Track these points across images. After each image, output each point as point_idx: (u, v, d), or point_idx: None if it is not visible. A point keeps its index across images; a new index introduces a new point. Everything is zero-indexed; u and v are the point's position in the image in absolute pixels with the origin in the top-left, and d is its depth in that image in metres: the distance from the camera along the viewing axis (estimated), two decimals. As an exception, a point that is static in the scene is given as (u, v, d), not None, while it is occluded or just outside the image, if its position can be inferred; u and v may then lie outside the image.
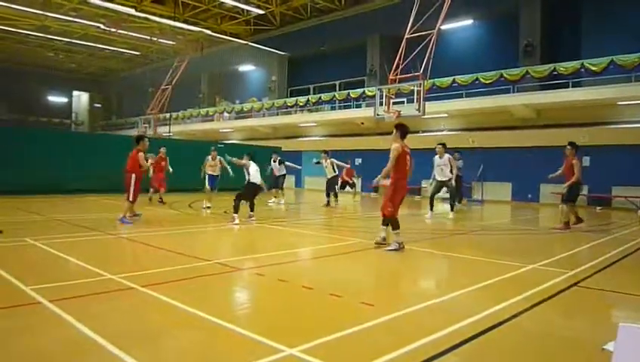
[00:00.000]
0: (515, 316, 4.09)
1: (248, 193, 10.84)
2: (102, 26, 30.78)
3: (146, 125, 32.62)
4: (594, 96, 17.47)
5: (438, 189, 12.88)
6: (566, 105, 18.52)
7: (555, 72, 18.52)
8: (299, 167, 19.13)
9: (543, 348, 3.52)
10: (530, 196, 19.87)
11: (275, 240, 8.99)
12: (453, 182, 12.74)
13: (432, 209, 12.73)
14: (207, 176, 13.53)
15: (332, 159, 16.32)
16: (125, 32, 32.04)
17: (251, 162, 10.86)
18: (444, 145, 12.88)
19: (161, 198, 14.69)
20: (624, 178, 17.41)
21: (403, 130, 7.61)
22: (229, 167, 12.90)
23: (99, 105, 51.76)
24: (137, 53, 39.11)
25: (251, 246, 8.30)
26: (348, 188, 19.03)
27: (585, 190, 18.39)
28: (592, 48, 18.56)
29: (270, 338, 3.34)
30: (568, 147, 11.11)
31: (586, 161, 18.51)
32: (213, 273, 5.64)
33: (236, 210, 10.42)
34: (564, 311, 4.54)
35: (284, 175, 16.76)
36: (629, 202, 17.05)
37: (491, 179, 20.65)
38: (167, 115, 33.13)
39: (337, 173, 16.38)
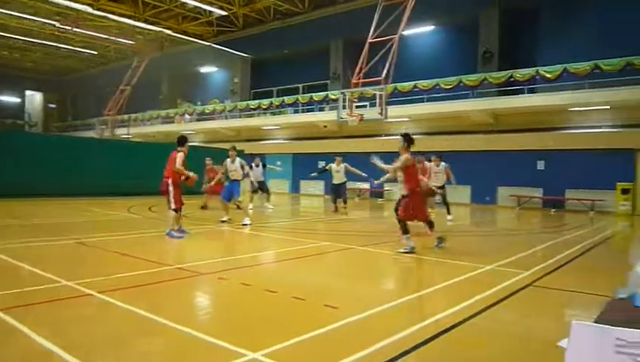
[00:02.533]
0: (473, 316, 4.19)
1: None
2: (57, 24, 29.74)
3: (104, 127, 31.77)
4: (548, 102, 18.13)
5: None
6: (522, 111, 19.16)
7: (512, 79, 19.11)
8: (279, 169, 18.61)
9: (501, 346, 3.63)
10: (488, 199, 20.42)
11: (240, 243, 8.91)
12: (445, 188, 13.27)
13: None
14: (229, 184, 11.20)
15: (345, 164, 15.04)
16: (82, 31, 31.07)
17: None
18: (440, 156, 13.32)
19: None
20: (577, 181, 18.15)
21: (410, 139, 7.72)
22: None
23: (53, 106, 49.91)
24: (95, 52, 38.00)
25: (214, 251, 8.17)
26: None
27: (539, 192, 19.12)
28: (547, 56, 19.25)
29: (232, 343, 3.30)
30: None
31: (541, 164, 19.22)
32: (174, 278, 5.52)
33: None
34: (521, 310, 4.69)
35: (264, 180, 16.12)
36: (581, 204, 17.78)
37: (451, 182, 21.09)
38: (126, 117, 32.30)
39: (346, 179, 15.27)
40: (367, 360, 3.13)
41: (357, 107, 17.54)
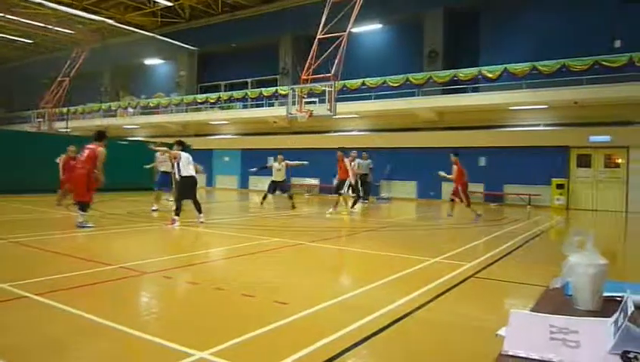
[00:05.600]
0: (419, 308, 4.31)
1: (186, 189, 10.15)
2: (-14, 10, 27.86)
3: (40, 120, 30.17)
4: (489, 100, 18.89)
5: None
6: (465, 109, 19.83)
7: (456, 78, 19.75)
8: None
9: (445, 336, 3.75)
10: (432, 194, 21.00)
11: (185, 241, 8.72)
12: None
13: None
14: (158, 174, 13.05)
15: (286, 161, 14.98)
16: (15, 18, 29.26)
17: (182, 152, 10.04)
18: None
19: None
20: (515, 177, 19.03)
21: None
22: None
23: (-16, 97, 46.88)
24: (30, 41, 35.94)
25: (159, 249, 7.96)
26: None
27: (481, 187, 19.90)
28: (489, 57, 20.02)
29: (179, 343, 3.23)
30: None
31: (482, 161, 19.98)
32: (117, 278, 5.32)
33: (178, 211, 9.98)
34: (463, 301, 4.87)
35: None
36: (519, 198, 18.65)
37: (398, 177, 21.61)
38: (65, 110, 30.81)
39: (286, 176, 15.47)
40: (316, 355, 3.15)
41: (306, 103, 17.56)
